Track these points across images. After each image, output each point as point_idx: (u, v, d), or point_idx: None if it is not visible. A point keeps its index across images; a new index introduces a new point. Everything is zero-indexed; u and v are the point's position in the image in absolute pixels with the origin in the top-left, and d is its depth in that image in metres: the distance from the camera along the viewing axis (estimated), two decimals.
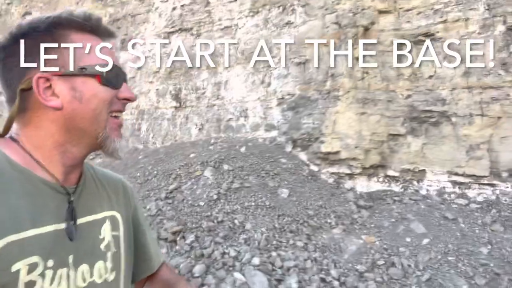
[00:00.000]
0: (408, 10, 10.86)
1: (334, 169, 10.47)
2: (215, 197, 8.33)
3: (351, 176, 10.35)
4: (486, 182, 9.13)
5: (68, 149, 0.82)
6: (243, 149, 11.02)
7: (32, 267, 0.71)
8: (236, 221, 7.57)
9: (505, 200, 8.75)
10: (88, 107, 0.80)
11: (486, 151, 9.24)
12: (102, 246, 0.87)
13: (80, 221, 0.82)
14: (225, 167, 9.80)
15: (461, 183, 9.39)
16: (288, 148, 11.32)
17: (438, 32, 10.23)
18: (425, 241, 7.59)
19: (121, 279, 0.91)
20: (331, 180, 10.46)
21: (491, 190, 9.06)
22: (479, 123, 9.35)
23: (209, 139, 12.85)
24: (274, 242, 7.04)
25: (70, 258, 0.78)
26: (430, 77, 10.13)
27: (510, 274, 6.46)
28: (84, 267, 0.81)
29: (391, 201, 9.40)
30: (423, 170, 9.87)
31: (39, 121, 0.80)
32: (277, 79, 12.55)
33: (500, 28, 9.55)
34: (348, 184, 10.34)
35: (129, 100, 0.87)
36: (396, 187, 10.02)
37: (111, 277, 0.88)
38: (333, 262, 6.86)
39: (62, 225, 0.79)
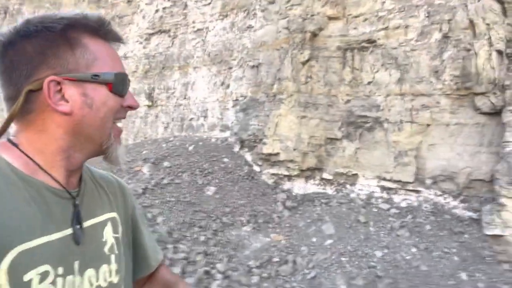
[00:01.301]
0: (356, 17, 11.02)
1: (274, 170, 10.76)
2: (140, 191, 8.82)
3: (289, 177, 10.62)
4: (411, 188, 9.21)
5: (71, 155, 0.81)
6: (190, 148, 11.48)
7: (43, 276, 0.70)
8: (149, 214, 8.03)
9: (426, 207, 8.82)
10: (98, 114, 0.79)
11: (413, 157, 9.32)
12: (106, 249, 0.86)
13: (84, 225, 0.82)
14: (165, 163, 10.29)
15: (389, 189, 9.50)
16: (236, 148, 11.69)
17: (379, 39, 10.35)
18: (329, 241, 7.83)
19: (123, 281, 0.92)
20: (271, 181, 10.76)
21: (416, 196, 9.14)
22: (409, 130, 9.43)
23: (169, 137, 13.39)
24: (176, 236, 7.47)
25: (76, 264, 0.78)
26: (369, 83, 10.27)
27: (391, 278, 6.64)
28: (90, 272, 0.81)
29: (319, 203, 9.62)
30: (356, 174, 10.03)
31: (44, 124, 0.78)
32: (234, 81, 12.95)
33: (436, 35, 9.60)
34: (286, 185, 10.61)
35: (132, 108, 0.87)
36: (330, 190, 10.22)
37: (115, 279, 0.87)
38: (228, 257, 7.22)
39: (68, 231, 0.78)
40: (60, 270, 0.74)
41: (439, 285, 6.39)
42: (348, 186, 10.11)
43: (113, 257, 0.87)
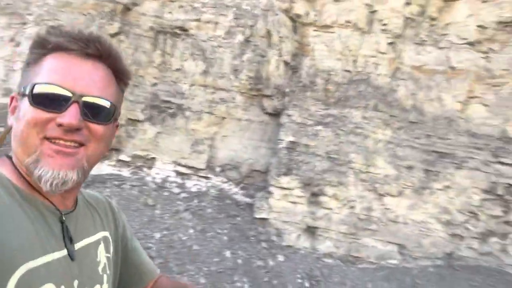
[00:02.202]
0: (172, 1, 11.00)
1: None
2: None
3: None
4: (203, 175, 9.92)
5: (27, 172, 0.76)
6: None
7: None
8: None
9: (212, 192, 9.65)
10: (19, 127, 0.75)
11: (207, 146, 10.05)
12: (99, 269, 0.86)
13: (79, 244, 0.81)
14: None
15: (183, 174, 9.98)
16: None
17: (192, 29, 10.66)
18: None
19: None
20: None
21: (205, 182, 9.90)
22: (207, 120, 10.11)
23: None
24: None
25: (75, 283, 0.77)
26: (177, 70, 10.48)
27: (163, 258, 6.99)
28: None
29: (111, 185, 9.27)
30: (154, 158, 10.12)
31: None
32: (27, 40, 11.11)
33: (240, 37, 10.54)
34: None
35: (62, 125, 0.73)
36: (126, 172, 9.99)
37: None
38: None
39: (65, 251, 0.77)
40: None
41: (205, 262, 7.08)
42: (145, 169, 10.09)
43: (105, 277, 0.88)
